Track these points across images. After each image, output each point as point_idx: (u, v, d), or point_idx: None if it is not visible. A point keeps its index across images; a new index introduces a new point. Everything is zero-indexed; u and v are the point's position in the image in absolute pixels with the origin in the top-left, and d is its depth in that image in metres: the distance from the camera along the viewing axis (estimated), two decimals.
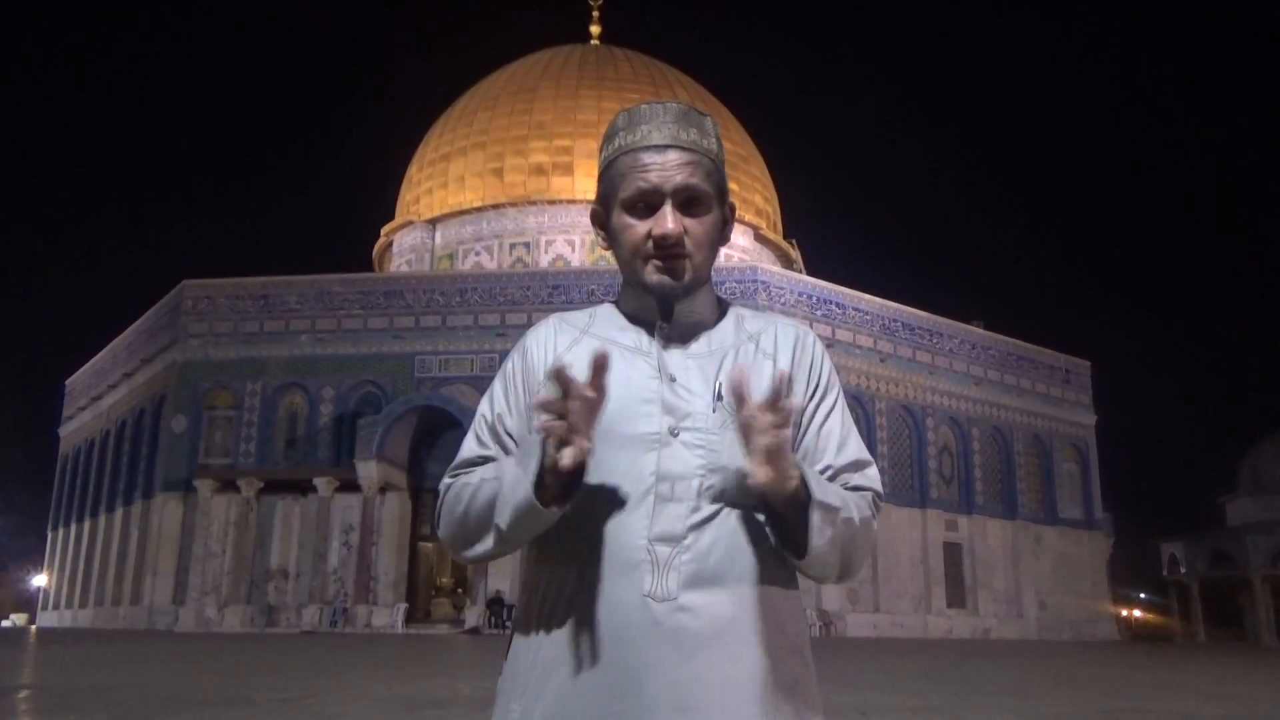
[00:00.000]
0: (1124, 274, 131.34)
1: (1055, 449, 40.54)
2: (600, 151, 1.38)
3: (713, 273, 1.37)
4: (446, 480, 1.32)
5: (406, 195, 45.01)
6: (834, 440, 1.34)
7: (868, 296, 35.97)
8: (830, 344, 33.50)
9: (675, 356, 1.31)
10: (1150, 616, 59.96)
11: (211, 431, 33.01)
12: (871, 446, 34.15)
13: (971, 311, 41.54)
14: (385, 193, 47.89)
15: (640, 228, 1.29)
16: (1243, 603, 46.04)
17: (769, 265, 37.69)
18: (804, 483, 1.17)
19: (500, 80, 44.85)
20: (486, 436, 1.35)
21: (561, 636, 1.22)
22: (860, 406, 34.25)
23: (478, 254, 41.20)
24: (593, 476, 1.22)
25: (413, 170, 45.30)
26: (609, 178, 1.34)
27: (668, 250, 1.28)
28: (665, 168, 1.28)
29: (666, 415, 1.25)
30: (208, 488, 31.01)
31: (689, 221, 1.29)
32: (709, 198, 1.31)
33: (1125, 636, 45.41)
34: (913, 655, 18.96)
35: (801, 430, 1.34)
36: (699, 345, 1.33)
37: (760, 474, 1.12)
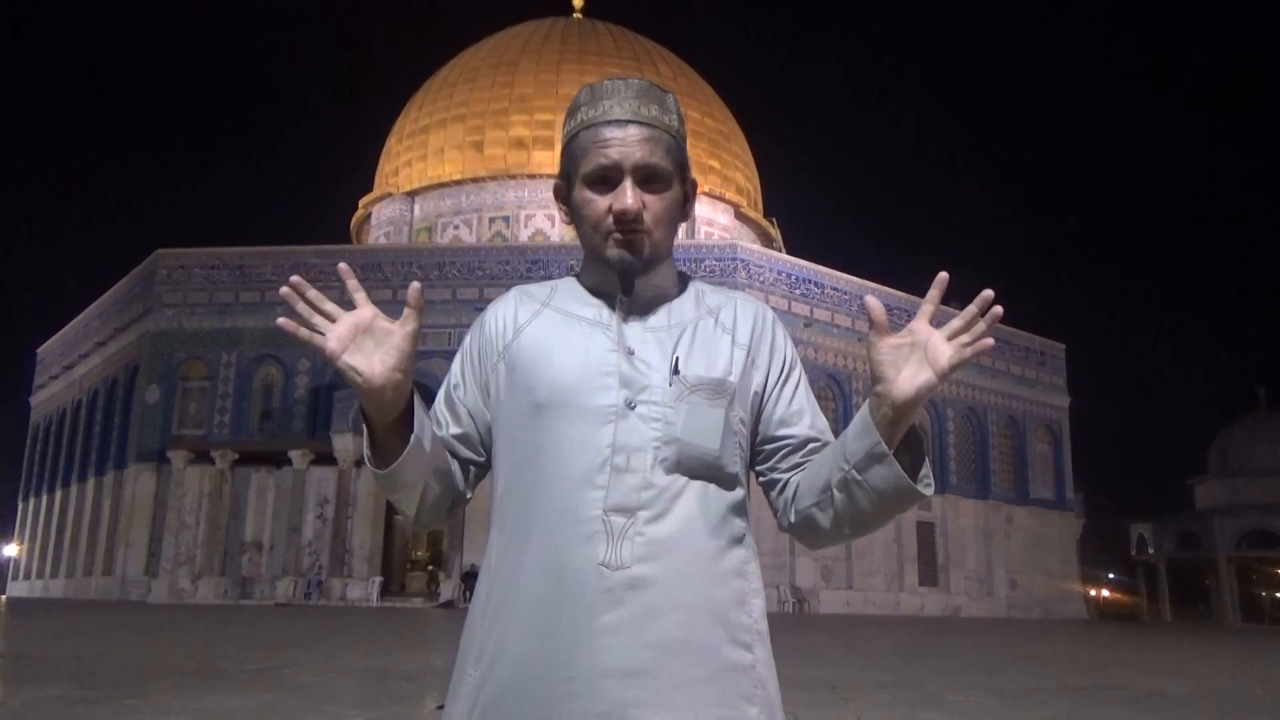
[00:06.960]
0: (1101, 259, 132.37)
1: (1029, 430, 40.92)
2: (563, 127, 1.40)
3: (692, 250, 1.38)
4: None
5: (385, 167, 44.58)
6: (806, 414, 1.39)
7: (846, 276, 36.02)
8: (809, 323, 33.61)
9: (634, 330, 1.33)
10: (1118, 596, 60.86)
11: (185, 402, 32.76)
12: (848, 425, 34.29)
13: (949, 292, 41.56)
14: (364, 164, 47.43)
15: (601, 203, 1.31)
16: (1208, 583, 46.85)
17: (749, 244, 37.59)
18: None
19: (481, 52, 44.39)
20: (441, 406, 1.39)
21: (516, 604, 1.24)
22: (837, 385, 34.38)
23: (456, 227, 40.90)
24: (550, 448, 1.26)
25: (392, 142, 44.86)
26: (571, 152, 1.35)
27: (627, 225, 1.30)
28: (626, 143, 1.30)
29: (624, 388, 1.27)
30: (181, 459, 30.82)
31: (649, 198, 1.31)
32: (669, 174, 1.33)
33: (1093, 616, 46.07)
34: (884, 632, 19.16)
35: (770, 405, 1.37)
36: (658, 319, 1.35)
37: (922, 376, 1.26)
